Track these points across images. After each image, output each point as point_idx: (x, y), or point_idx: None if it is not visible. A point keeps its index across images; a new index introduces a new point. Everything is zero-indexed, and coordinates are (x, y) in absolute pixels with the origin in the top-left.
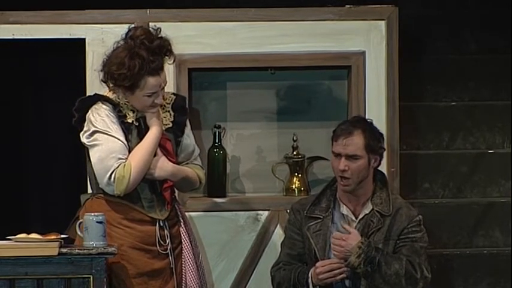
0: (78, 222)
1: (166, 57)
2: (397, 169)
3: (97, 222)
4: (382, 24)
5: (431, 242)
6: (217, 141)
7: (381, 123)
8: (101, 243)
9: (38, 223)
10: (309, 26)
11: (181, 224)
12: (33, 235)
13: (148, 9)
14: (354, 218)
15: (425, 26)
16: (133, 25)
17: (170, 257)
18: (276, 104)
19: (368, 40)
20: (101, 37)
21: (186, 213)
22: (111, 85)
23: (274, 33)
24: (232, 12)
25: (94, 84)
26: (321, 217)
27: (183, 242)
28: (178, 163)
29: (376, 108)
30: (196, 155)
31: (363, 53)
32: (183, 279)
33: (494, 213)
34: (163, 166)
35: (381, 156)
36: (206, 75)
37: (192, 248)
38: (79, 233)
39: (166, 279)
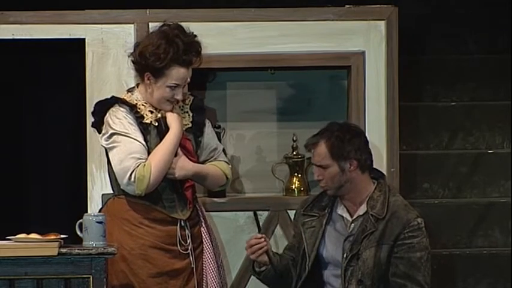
0: (78, 222)
1: (195, 58)
2: (397, 169)
3: (97, 222)
4: (382, 24)
5: (431, 242)
6: None
7: (380, 123)
8: (101, 243)
9: (38, 223)
10: (309, 26)
11: (203, 224)
12: (33, 235)
13: (148, 9)
14: (349, 218)
15: (425, 26)
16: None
17: (191, 257)
18: (276, 104)
19: (368, 40)
20: (101, 37)
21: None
22: (137, 67)
23: (274, 33)
24: (232, 12)
25: (94, 84)
26: (317, 215)
27: (204, 242)
28: (201, 162)
29: (376, 108)
30: (220, 151)
31: (363, 53)
32: (204, 279)
33: (494, 213)
34: (184, 166)
35: (360, 160)
36: (206, 75)
37: (213, 248)
38: (79, 233)
39: (187, 279)
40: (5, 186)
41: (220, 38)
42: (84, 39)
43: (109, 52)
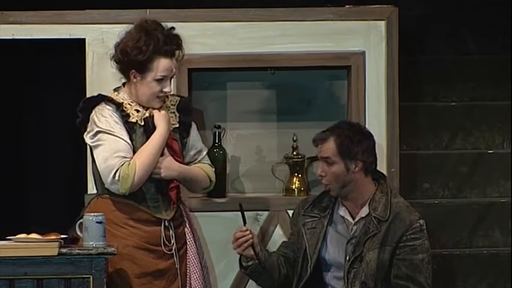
0: (78, 223)
1: (176, 49)
2: (397, 169)
3: (97, 222)
4: (382, 24)
5: (431, 242)
6: (217, 141)
7: (380, 123)
8: (101, 243)
9: (38, 223)
10: (308, 26)
11: (187, 224)
12: (33, 235)
13: (148, 9)
14: (351, 220)
15: (425, 26)
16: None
17: (175, 257)
18: (276, 104)
19: (368, 40)
20: (101, 37)
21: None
22: (121, 67)
23: (274, 33)
24: (231, 12)
25: (94, 84)
26: (318, 216)
27: (188, 243)
28: (185, 163)
29: (376, 108)
30: (204, 154)
31: (363, 53)
32: (188, 279)
33: (494, 213)
34: (170, 166)
35: (365, 162)
36: (206, 75)
37: (196, 248)
38: (79, 233)
39: (171, 279)
40: (5, 186)
41: (220, 38)
42: (84, 39)
43: (109, 52)
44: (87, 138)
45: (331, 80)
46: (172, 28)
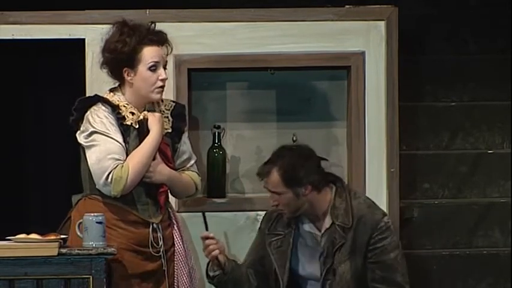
0: (78, 223)
1: (164, 37)
2: (397, 169)
3: (97, 222)
4: (382, 24)
5: (431, 242)
6: (216, 141)
7: (380, 124)
8: (101, 243)
9: (37, 223)
10: (308, 26)
11: (174, 226)
12: (33, 235)
13: (147, 10)
14: (318, 233)
15: (425, 26)
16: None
17: (162, 259)
18: (275, 104)
19: (368, 40)
20: (101, 37)
21: (186, 214)
22: (112, 68)
23: (274, 33)
24: (231, 12)
25: (94, 84)
26: (282, 233)
27: (176, 245)
28: (175, 169)
29: (376, 108)
30: (192, 163)
31: (363, 54)
32: (175, 281)
33: (494, 213)
34: (162, 171)
35: (313, 183)
36: (206, 75)
37: (184, 250)
38: (78, 233)
39: (159, 281)
40: (5, 186)
41: (220, 38)
42: (84, 39)
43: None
44: (81, 138)
45: (331, 80)
46: (154, 23)
